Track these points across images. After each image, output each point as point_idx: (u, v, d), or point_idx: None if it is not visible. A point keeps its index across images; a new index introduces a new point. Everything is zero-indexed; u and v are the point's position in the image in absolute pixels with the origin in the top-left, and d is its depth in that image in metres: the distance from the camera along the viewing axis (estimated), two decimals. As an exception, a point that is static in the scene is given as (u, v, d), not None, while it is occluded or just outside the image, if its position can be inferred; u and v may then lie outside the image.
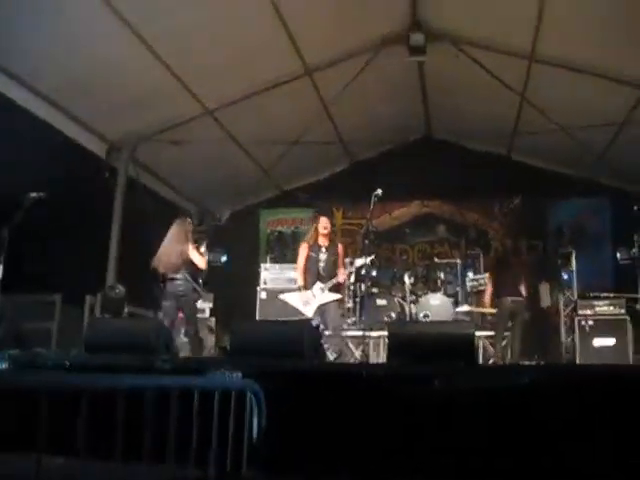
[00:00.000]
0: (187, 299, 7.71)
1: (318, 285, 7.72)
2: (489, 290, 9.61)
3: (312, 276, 7.85)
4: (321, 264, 7.86)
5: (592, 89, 8.84)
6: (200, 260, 7.82)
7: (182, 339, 9.50)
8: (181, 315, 7.95)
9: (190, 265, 7.69)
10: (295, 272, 8.15)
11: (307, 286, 7.81)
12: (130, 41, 7.67)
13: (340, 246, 8.26)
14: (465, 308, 10.13)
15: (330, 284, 7.77)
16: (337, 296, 8.08)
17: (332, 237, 8.13)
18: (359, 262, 7.99)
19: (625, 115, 9.25)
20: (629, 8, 7.26)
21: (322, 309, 7.66)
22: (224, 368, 2.87)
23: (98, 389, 2.16)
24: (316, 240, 8.03)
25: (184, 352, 8.89)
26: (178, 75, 8.63)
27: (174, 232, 7.87)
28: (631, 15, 7.32)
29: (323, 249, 7.92)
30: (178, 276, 7.61)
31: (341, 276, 7.96)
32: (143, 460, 2.24)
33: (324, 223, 8.11)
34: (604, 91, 8.81)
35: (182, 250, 7.67)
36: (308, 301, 7.67)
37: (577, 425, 2.70)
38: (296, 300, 7.81)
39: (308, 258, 7.97)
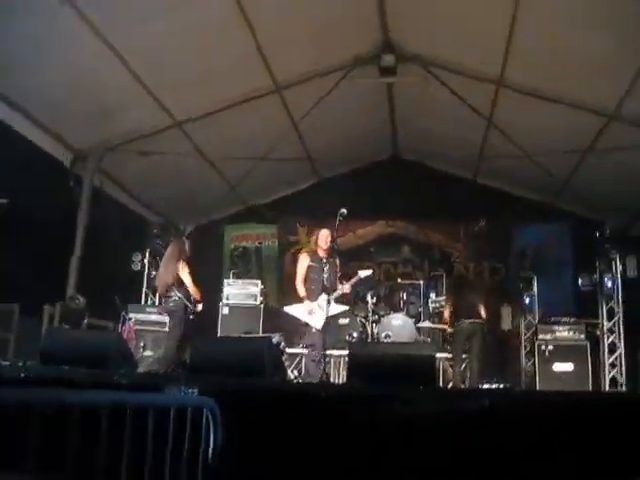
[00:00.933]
0: (178, 314, 8.01)
1: (324, 297, 7.41)
2: (447, 311, 9.61)
3: (316, 287, 7.56)
4: (325, 275, 7.62)
5: (557, 116, 8.96)
6: (188, 280, 8.02)
7: (147, 353, 9.44)
8: None
9: (181, 283, 7.97)
10: (297, 285, 7.73)
11: (310, 297, 7.52)
12: (100, 50, 7.58)
13: (337, 259, 8.03)
14: (426, 324, 10.15)
15: (336, 295, 7.52)
16: (345, 307, 7.96)
17: (330, 251, 7.89)
18: (363, 274, 7.79)
19: (589, 143, 9.40)
20: (593, 41, 7.41)
21: (328, 321, 7.41)
22: (181, 385, 2.83)
23: (50, 403, 2.10)
24: (315, 252, 7.81)
25: (148, 366, 8.85)
26: (148, 86, 8.56)
27: (170, 251, 8.26)
28: (595, 47, 7.48)
29: (324, 260, 7.68)
30: (171, 294, 7.94)
31: (346, 286, 7.73)
32: (95, 478, 2.18)
33: (325, 236, 7.77)
34: (569, 119, 8.94)
35: (174, 268, 7.96)
36: (313, 311, 7.40)
37: (536, 448, 2.71)
38: (300, 311, 7.53)
39: (310, 268, 7.70)
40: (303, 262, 7.79)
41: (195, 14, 7.42)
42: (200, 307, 8.17)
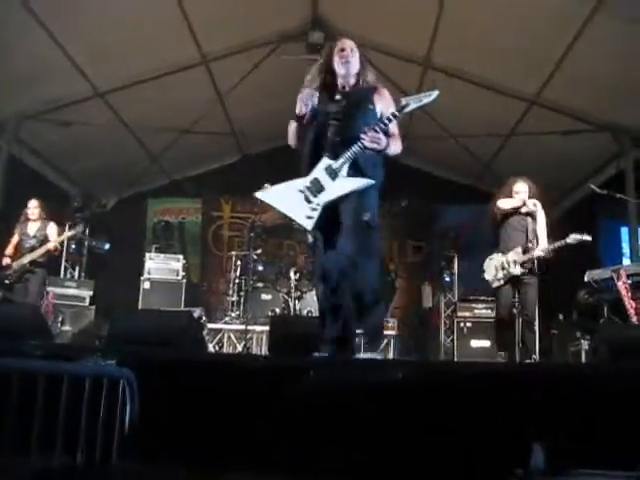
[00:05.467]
0: None
1: None
2: None
3: None
4: None
5: (482, 100, 9.15)
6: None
7: (65, 327, 9.27)
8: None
9: None
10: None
11: None
12: (19, 15, 7.33)
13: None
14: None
15: None
16: None
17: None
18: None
19: (510, 127, 9.63)
20: (517, 30, 7.59)
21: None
22: (98, 356, 2.79)
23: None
24: None
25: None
26: (69, 54, 8.31)
27: None
28: (519, 36, 7.66)
29: None
30: None
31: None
32: (4, 450, 2.13)
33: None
34: (493, 103, 9.14)
35: None
36: None
37: (448, 419, 2.77)
38: None
39: None
40: None
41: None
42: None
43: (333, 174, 4.30)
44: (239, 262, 10.29)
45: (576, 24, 7.23)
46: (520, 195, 7.10)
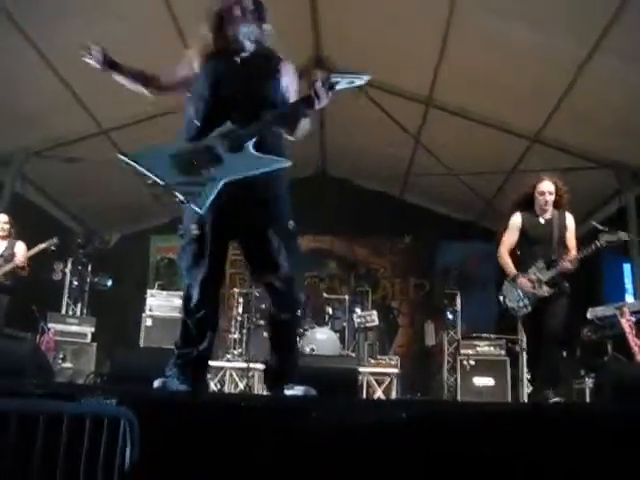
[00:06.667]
0: None
1: None
2: None
3: None
4: None
5: (484, 138, 9.20)
6: None
7: (66, 365, 9.22)
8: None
9: None
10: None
11: None
12: (27, 53, 7.42)
13: None
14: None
15: None
16: None
17: None
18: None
19: (512, 164, 9.67)
20: (518, 70, 7.68)
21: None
22: (99, 394, 2.76)
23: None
24: None
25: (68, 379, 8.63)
26: (75, 91, 8.40)
27: None
28: (520, 76, 7.75)
29: None
30: None
31: None
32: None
33: None
34: (495, 141, 9.20)
35: None
36: None
37: (452, 460, 2.74)
38: None
39: None
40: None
41: (126, 18, 7.32)
42: None
43: (235, 145, 3.47)
44: (241, 299, 10.28)
45: (576, 63, 7.30)
46: (545, 197, 6.09)
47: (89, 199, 11.02)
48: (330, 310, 10.55)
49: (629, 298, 9.71)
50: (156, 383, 3.73)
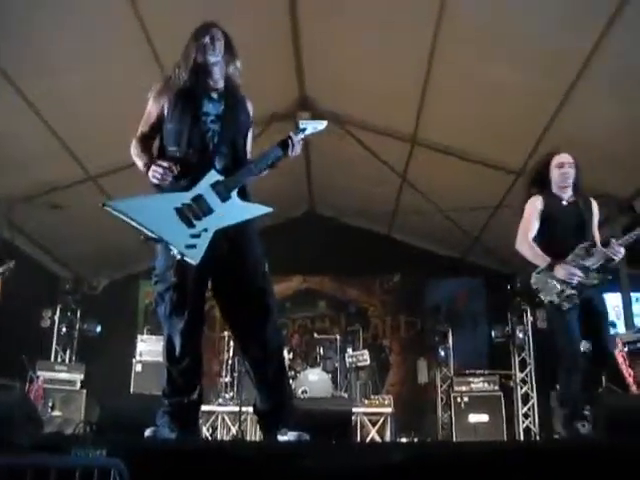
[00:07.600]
0: None
1: None
2: None
3: None
4: None
5: (470, 174, 9.25)
6: None
7: (55, 413, 9.09)
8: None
9: None
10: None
11: None
12: (12, 101, 7.44)
13: None
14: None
15: None
16: None
17: None
18: None
19: (499, 199, 9.72)
20: (501, 106, 7.76)
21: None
22: (88, 445, 2.72)
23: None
24: None
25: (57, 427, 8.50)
26: (62, 138, 8.40)
27: None
28: (503, 112, 7.83)
29: None
30: None
31: None
32: None
33: None
34: (481, 176, 9.24)
35: None
36: None
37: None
38: None
39: None
40: None
41: (112, 64, 7.36)
42: None
43: (223, 194, 3.53)
44: (232, 342, 10.20)
45: (558, 97, 7.37)
46: (565, 168, 5.33)
47: (77, 245, 10.95)
48: (321, 350, 10.50)
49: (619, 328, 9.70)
50: (147, 432, 3.67)
